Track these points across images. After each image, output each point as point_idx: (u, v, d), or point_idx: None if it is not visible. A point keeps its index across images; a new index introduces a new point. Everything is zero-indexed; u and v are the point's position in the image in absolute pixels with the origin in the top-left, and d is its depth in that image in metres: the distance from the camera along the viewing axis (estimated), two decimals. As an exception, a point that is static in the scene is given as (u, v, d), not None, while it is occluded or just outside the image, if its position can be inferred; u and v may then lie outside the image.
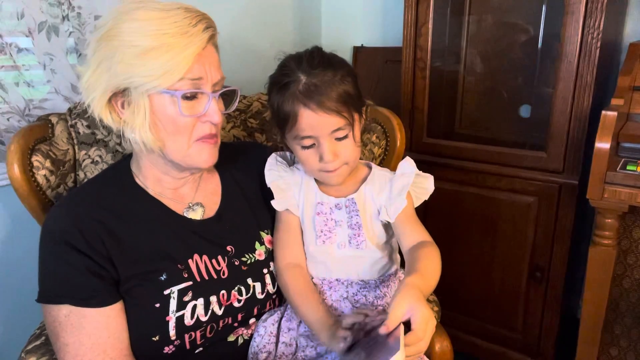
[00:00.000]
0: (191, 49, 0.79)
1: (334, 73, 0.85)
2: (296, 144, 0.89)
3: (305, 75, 0.85)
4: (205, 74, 0.82)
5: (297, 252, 0.96)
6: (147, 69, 0.78)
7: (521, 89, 1.70)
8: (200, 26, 0.80)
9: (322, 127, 0.85)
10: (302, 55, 0.89)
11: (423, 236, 0.92)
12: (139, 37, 0.77)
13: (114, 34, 0.79)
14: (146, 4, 0.80)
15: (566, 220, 1.43)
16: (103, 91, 0.81)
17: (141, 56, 0.77)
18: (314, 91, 0.83)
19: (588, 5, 1.26)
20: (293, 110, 0.85)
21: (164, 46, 0.77)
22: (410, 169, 0.94)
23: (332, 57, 0.89)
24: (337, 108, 0.84)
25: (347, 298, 0.92)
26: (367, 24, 2.05)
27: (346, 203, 0.94)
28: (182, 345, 0.85)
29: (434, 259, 0.86)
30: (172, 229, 0.89)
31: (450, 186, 1.59)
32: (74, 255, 0.80)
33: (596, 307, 1.29)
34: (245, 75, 1.73)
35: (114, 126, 0.84)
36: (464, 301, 1.67)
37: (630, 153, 1.19)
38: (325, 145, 0.86)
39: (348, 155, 0.89)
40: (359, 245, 0.92)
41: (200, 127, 0.85)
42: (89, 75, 0.81)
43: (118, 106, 0.83)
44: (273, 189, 0.96)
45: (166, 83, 0.79)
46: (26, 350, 0.94)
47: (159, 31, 0.77)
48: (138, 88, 0.79)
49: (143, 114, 0.81)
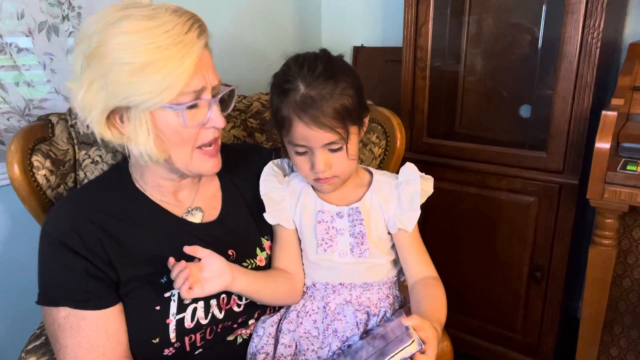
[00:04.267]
0: (189, 60, 0.76)
1: (335, 85, 0.83)
2: (291, 148, 0.89)
3: (305, 85, 0.83)
4: (205, 81, 0.80)
5: (287, 263, 0.96)
6: (146, 87, 0.75)
7: (521, 89, 1.70)
8: (193, 33, 0.77)
9: (314, 140, 0.84)
10: (305, 59, 0.86)
11: (429, 269, 0.94)
12: (131, 53, 0.73)
13: (104, 51, 0.74)
14: (131, 12, 0.76)
15: (566, 220, 1.43)
16: (101, 111, 0.77)
17: (137, 74, 0.74)
18: (310, 105, 0.82)
19: (588, 5, 1.26)
20: (288, 119, 0.84)
21: (160, 61, 0.74)
22: (413, 175, 0.94)
23: (337, 66, 0.86)
24: (331, 124, 0.82)
25: (350, 301, 0.92)
26: (367, 24, 2.05)
27: (349, 212, 0.93)
28: (182, 348, 0.84)
29: (443, 302, 0.89)
30: (173, 232, 0.89)
31: (450, 186, 1.59)
32: (73, 258, 0.80)
33: (596, 307, 1.29)
34: (245, 75, 1.73)
35: (115, 142, 0.81)
36: (464, 301, 1.67)
37: (630, 153, 1.19)
38: (317, 155, 0.86)
39: (340, 167, 0.88)
40: (362, 254, 0.92)
41: (204, 134, 0.84)
42: (82, 95, 0.77)
43: (117, 121, 0.80)
44: (265, 201, 0.96)
45: (167, 98, 0.76)
46: (26, 350, 0.94)
47: (152, 44, 0.74)
48: (139, 106, 0.76)
49: (146, 129, 0.78)
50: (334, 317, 0.91)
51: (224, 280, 0.81)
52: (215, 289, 0.81)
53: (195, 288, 0.77)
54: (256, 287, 0.89)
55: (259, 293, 0.90)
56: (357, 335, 0.89)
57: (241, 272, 0.86)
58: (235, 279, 0.83)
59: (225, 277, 0.82)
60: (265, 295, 0.91)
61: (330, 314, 0.92)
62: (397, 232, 0.93)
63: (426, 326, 0.75)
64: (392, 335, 0.77)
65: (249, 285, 0.87)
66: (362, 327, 0.90)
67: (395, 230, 0.93)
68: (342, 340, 0.89)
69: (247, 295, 0.90)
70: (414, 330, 0.74)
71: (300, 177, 0.98)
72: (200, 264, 0.80)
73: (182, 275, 0.76)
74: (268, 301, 0.94)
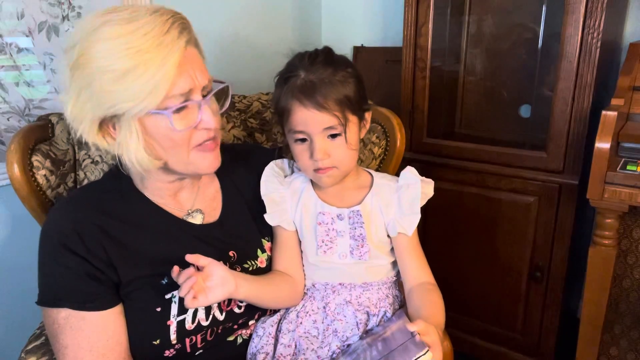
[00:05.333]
0: (170, 61, 0.73)
1: (334, 71, 0.86)
2: (290, 137, 0.90)
3: (305, 71, 0.86)
4: (193, 82, 0.78)
5: (288, 264, 0.96)
6: (130, 94, 0.73)
7: (521, 89, 1.70)
8: (173, 32, 0.75)
9: (313, 123, 0.85)
10: (308, 52, 0.90)
11: (427, 275, 0.95)
12: (112, 60, 0.72)
13: (86, 60, 0.73)
14: (110, 17, 0.74)
15: (566, 220, 1.43)
16: (91, 121, 0.77)
17: (119, 81, 0.72)
18: (310, 87, 0.84)
19: (588, 5, 1.26)
20: (288, 105, 0.86)
21: (141, 65, 0.72)
22: (414, 179, 0.94)
23: (337, 57, 0.90)
24: (330, 106, 0.84)
25: (350, 301, 0.92)
26: (367, 24, 2.05)
27: (349, 214, 0.93)
28: (183, 349, 0.84)
29: (442, 308, 0.90)
30: (174, 234, 0.89)
31: (450, 186, 1.59)
32: (73, 259, 0.79)
33: (596, 307, 1.29)
34: (245, 75, 1.73)
35: (110, 150, 0.81)
36: (464, 301, 1.67)
37: (630, 153, 1.19)
38: (316, 142, 0.86)
39: (339, 156, 0.88)
40: (362, 256, 0.92)
41: (198, 135, 0.81)
42: (71, 106, 0.77)
43: (110, 129, 0.79)
44: (266, 202, 0.96)
45: (153, 103, 0.74)
46: (26, 350, 0.94)
47: (131, 49, 0.72)
48: (125, 114, 0.75)
49: (136, 137, 0.77)
50: (333, 317, 0.91)
51: (228, 288, 0.81)
52: (219, 298, 0.80)
53: (199, 297, 0.77)
54: (259, 293, 0.89)
55: (262, 298, 0.90)
56: (356, 335, 0.89)
57: (244, 279, 0.86)
58: (238, 286, 0.83)
59: (228, 285, 0.81)
60: (267, 300, 0.92)
61: (330, 314, 0.92)
62: (397, 236, 0.94)
63: (431, 331, 0.75)
64: (395, 341, 0.77)
65: (252, 292, 0.87)
66: (362, 327, 0.90)
67: (395, 233, 0.93)
68: (342, 340, 0.89)
69: (251, 302, 0.90)
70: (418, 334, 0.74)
71: (301, 178, 0.98)
72: (203, 272, 0.79)
73: (187, 283, 0.76)
74: (270, 305, 0.94)
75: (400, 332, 0.79)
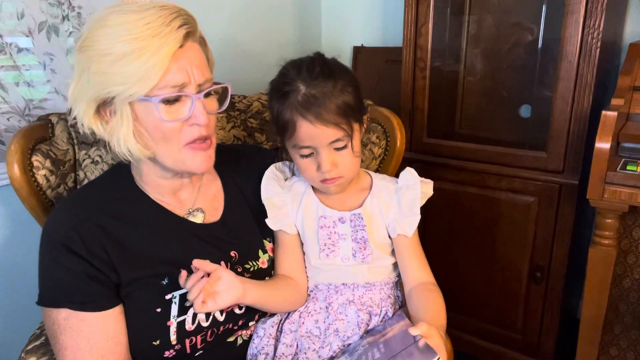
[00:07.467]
0: (165, 49, 0.74)
1: (334, 84, 0.84)
2: (295, 152, 0.89)
3: (305, 85, 0.83)
4: (187, 77, 0.78)
5: (291, 268, 0.96)
6: (122, 77, 0.74)
7: (521, 89, 1.70)
8: (174, 24, 0.76)
9: (320, 138, 0.84)
10: (302, 62, 0.87)
11: (428, 275, 0.94)
12: (111, 44, 0.74)
13: (89, 43, 0.76)
14: (121, 7, 0.77)
15: (566, 220, 1.43)
16: (87, 103, 0.78)
17: (115, 64, 0.74)
18: (313, 103, 0.82)
19: (588, 5, 1.26)
20: (292, 121, 0.84)
21: (136, 51, 0.73)
22: (413, 180, 0.94)
23: (333, 66, 0.87)
24: (336, 120, 0.83)
25: (353, 301, 0.93)
26: (367, 24, 2.05)
27: (351, 217, 0.93)
28: (183, 350, 0.84)
29: (443, 308, 0.89)
30: (174, 233, 0.89)
31: (450, 186, 1.59)
32: (74, 260, 0.79)
33: (596, 307, 1.29)
34: (245, 75, 1.73)
35: (103, 135, 0.81)
36: (464, 301, 1.67)
37: (630, 153, 1.19)
38: (323, 155, 0.85)
39: (346, 166, 0.88)
40: (364, 258, 0.92)
41: (188, 131, 0.81)
42: (73, 87, 0.79)
43: (107, 115, 0.80)
44: (267, 207, 0.96)
45: (144, 89, 0.75)
46: (26, 350, 0.94)
47: (131, 36, 0.74)
48: (117, 97, 0.76)
49: (127, 122, 0.78)
50: (336, 317, 0.91)
51: (236, 293, 0.81)
52: (227, 303, 0.80)
53: (208, 302, 0.77)
54: (266, 298, 0.89)
55: (268, 303, 0.90)
56: (357, 334, 0.89)
57: (251, 285, 0.86)
58: (246, 291, 0.83)
59: (236, 291, 0.81)
60: (273, 305, 0.92)
61: (332, 314, 0.92)
62: (397, 237, 0.94)
63: (434, 333, 0.75)
64: (397, 344, 0.76)
65: (259, 297, 0.87)
66: (363, 327, 0.90)
67: (395, 235, 0.93)
68: (343, 340, 0.89)
69: (257, 306, 0.90)
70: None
71: (301, 181, 0.98)
72: (211, 277, 0.79)
73: (197, 286, 0.76)
74: (275, 310, 0.94)
75: (402, 334, 0.78)
